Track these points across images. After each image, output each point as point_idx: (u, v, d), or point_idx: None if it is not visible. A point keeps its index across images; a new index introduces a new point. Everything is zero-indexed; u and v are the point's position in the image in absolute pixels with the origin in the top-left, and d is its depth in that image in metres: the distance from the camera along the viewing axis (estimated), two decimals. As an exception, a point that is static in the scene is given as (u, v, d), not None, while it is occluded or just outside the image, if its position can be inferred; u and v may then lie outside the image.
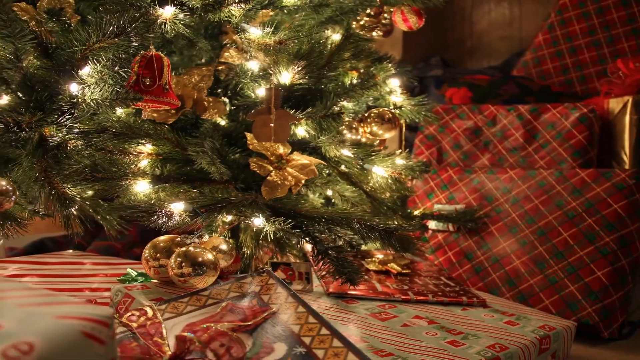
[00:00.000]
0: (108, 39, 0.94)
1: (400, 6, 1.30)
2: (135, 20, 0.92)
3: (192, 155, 1.01)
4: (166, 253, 0.93)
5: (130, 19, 0.92)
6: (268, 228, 0.92)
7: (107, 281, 1.12)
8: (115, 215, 0.93)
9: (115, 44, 0.94)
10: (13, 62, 0.97)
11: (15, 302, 0.49)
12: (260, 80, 1.17)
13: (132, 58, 0.94)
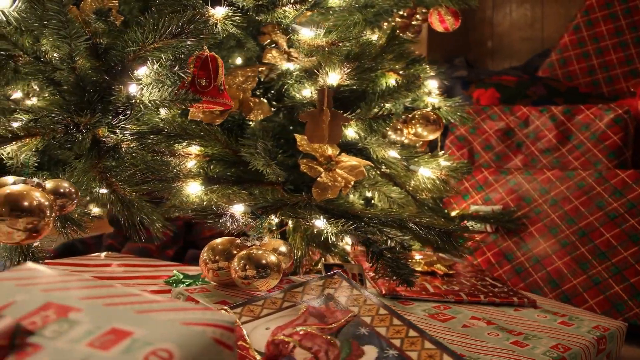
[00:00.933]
0: (165, 40, 0.93)
1: (436, 7, 1.30)
2: (194, 21, 0.92)
3: (246, 157, 1.01)
4: (225, 255, 0.93)
5: (189, 19, 0.91)
6: (330, 230, 0.91)
7: (154, 283, 1.12)
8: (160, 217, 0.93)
9: (171, 44, 0.94)
10: (67, 63, 0.96)
11: (133, 308, 0.49)
12: (305, 81, 1.16)
13: (185, 59, 0.93)
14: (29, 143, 0.85)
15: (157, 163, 0.98)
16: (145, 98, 0.91)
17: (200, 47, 0.98)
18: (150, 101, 0.91)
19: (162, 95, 0.90)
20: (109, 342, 0.43)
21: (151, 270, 1.18)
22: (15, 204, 0.76)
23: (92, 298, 0.51)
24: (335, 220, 0.91)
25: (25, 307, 0.50)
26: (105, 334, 0.45)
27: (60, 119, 0.88)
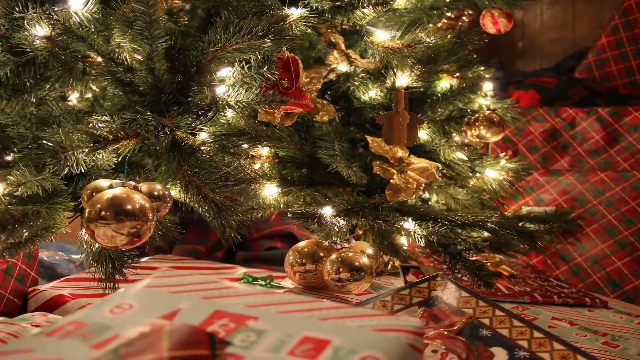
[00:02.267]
0: (248, 41, 0.93)
1: (490, 9, 1.31)
2: (278, 23, 0.91)
3: (325, 159, 1.00)
4: (311, 258, 0.92)
5: (276, 20, 0.91)
6: (420, 232, 0.91)
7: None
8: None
9: (253, 46, 0.93)
10: (147, 64, 0.95)
11: (313, 315, 0.48)
12: (369, 83, 1.16)
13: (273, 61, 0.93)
14: (127, 145, 0.84)
15: (235, 165, 0.97)
16: (232, 99, 0.90)
17: (280, 48, 0.98)
18: (237, 102, 0.90)
19: (249, 96, 0.90)
20: (311, 351, 0.43)
21: (215, 273, 1.17)
22: (121, 207, 0.74)
23: (262, 305, 0.50)
24: (425, 223, 0.91)
25: (194, 315, 0.49)
26: (300, 342, 0.44)
27: (152, 120, 0.87)
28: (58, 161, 0.80)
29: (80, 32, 0.97)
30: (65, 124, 0.99)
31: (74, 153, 0.80)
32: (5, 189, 0.83)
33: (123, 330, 0.47)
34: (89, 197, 0.82)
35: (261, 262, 1.39)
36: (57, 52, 1.02)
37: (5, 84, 1.13)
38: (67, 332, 0.47)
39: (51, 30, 0.99)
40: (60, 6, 1.04)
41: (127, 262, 0.88)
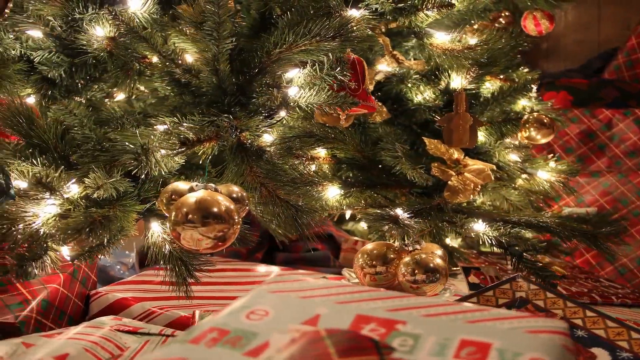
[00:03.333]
0: (316, 42, 0.92)
1: (532, 11, 1.31)
2: (347, 23, 0.91)
3: (388, 161, 1.00)
4: (382, 260, 0.92)
5: (346, 21, 0.90)
6: (491, 233, 0.92)
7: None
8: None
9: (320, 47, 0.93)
10: (212, 65, 0.94)
11: (459, 318, 0.48)
12: (422, 85, 1.16)
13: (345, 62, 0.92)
14: (208, 147, 0.83)
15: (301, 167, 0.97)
16: (303, 100, 0.90)
17: (345, 50, 0.97)
18: (308, 104, 0.90)
19: (321, 98, 0.89)
20: (476, 354, 0.43)
21: (262, 276, 1.17)
22: (208, 210, 0.74)
23: (403, 309, 0.50)
24: (495, 224, 0.92)
25: (337, 320, 0.49)
26: (460, 346, 0.44)
27: (227, 121, 0.86)
28: (140, 163, 0.79)
29: (144, 33, 0.97)
30: (128, 125, 0.98)
31: (153, 155, 0.79)
32: (82, 192, 0.82)
33: (271, 337, 0.46)
34: (168, 200, 0.82)
35: (303, 264, 1.39)
36: (118, 52, 1.01)
37: (59, 85, 1.12)
38: (213, 339, 0.47)
39: (114, 31, 0.98)
40: (119, 7, 1.03)
41: (199, 265, 0.87)
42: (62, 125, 0.91)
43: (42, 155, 0.91)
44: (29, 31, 1.07)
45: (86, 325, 0.75)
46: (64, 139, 0.92)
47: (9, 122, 0.88)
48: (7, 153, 0.89)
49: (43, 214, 0.80)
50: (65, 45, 1.11)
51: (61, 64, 1.10)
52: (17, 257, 0.77)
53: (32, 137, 0.90)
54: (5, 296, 0.83)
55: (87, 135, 0.93)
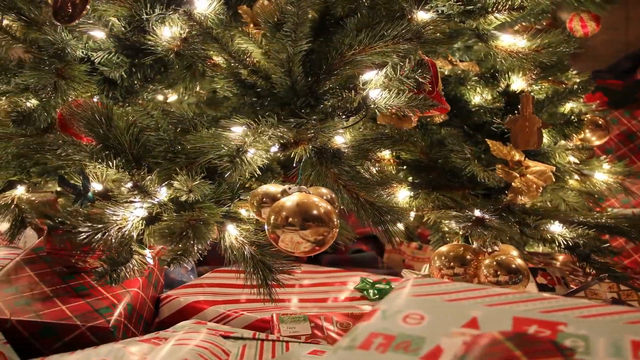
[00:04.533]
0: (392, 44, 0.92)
1: (578, 12, 1.32)
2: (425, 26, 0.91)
3: (458, 163, 1.01)
4: (459, 261, 0.92)
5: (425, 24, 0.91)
6: (568, 235, 0.92)
7: (343, 290, 1.10)
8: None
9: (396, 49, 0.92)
10: (286, 66, 0.93)
11: (617, 319, 0.48)
12: (479, 86, 1.17)
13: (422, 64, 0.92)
14: (301, 149, 0.82)
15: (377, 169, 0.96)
16: (382, 102, 0.90)
17: (416, 52, 0.97)
18: (387, 106, 0.90)
19: (401, 99, 0.89)
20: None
21: (327, 277, 1.16)
22: (308, 213, 0.73)
23: (557, 310, 0.50)
24: (571, 226, 0.92)
25: (496, 323, 0.49)
26: (634, 347, 0.44)
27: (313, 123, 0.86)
28: (235, 165, 0.78)
29: (216, 34, 0.96)
30: (200, 126, 0.97)
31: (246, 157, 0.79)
32: (172, 195, 0.81)
33: (440, 342, 0.46)
34: (259, 203, 0.81)
35: (350, 265, 1.39)
36: (188, 53, 1.00)
37: (120, 86, 1.11)
38: (382, 344, 0.46)
39: (185, 31, 0.97)
40: (186, 7, 1.02)
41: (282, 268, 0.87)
42: (136, 127, 0.90)
43: (116, 158, 0.90)
44: (91, 32, 1.06)
45: (187, 331, 0.74)
46: (140, 141, 0.91)
47: (88, 124, 0.87)
48: (85, 155, 0.88)
49: (133, 217, 0.79)
50: (125, 46, 1.10)
51: (121, 65, 1.09)
52: (109, 261, 0.76)
53: (108, 139, 0.89)
54: (91, 300, 0.82)
55: (161, 137, 0.92)
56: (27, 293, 0.82)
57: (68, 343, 0.76)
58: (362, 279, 1.11)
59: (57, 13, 0.93)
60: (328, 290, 1.10)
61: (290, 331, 0.87)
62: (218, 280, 1.05)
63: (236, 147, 0.79)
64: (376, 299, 1.06)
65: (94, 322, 0.76)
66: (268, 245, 0.87)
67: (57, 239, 0.85)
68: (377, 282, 1.10)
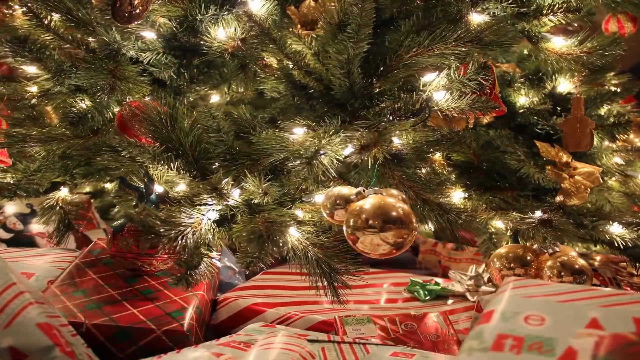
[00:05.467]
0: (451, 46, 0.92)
1: (615, 13, 1.34)
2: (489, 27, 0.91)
3: (512, 164, 1.01)
4: (520, 262, 0.93)
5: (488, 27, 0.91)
6: (628, 235, 0.93)
7: (394, 291, 1.10)
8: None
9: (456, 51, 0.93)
10: (345, 68, 0.93)
11: None
12: (524, 88, 1.17)
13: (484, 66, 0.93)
14: (376, 151, 0.82)
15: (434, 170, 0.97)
16: (445, 104, 0.90)
17: (472, 54, 0.98)
18: (449, 107, 0.90)
19: (464, 102, 0.89)
20: None
21: (374, 278, 1.16)
22: (390, 215, 0.73)
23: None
24: (631, 227, 0.93)
25: (618, 323, 0.49)
26: None
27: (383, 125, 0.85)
28: (311, 167, 0.78)
29: (274, 35, 0.96)
30: (259, 128, 0.97)
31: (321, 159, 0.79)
32: (245, 197, 0.81)
33: (571, 342, 0.46)
34: (332, 205, 0.81)
35: (388, 266, 1.38)
36: (244, 53, 0.99)
37: (169, 86, 1.10)
38: (514, 346, 0.47)
39: (243, 32, 0.97)
40: (240, 8, 1.02)
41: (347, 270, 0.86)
42: (199, 128, 0.89)
43: (177, 160, 0.89)
44: (141, 32, 1.05)
45: (268, 335, 0.74)
46: (201, 142, 0.90)
47: (152, 125, 0.86)
48: (148, 157, 0.87)
49: (205, 219, 0.78)
50: (172, 47, 1.09)
51: (170, 65, 1.08)
52: (185, 264, 0.75)
53: (171, 141, 0.88)
54: (161, 304, 0.81)
55: (221, 138, 0.92)
56: (96, 296, 0.81)
57: (143, 347, 0.75)
58: (411, 280, 1.11)
59: (116, 13, 0.92)
60: (378, 291, 1.10)
61: (356, 333, 0.87)
62: (271, 282, 1.05)
63: (314, 149, 0.78)
64: (428, 299, 1.06)
65: (169, 326, 0.76)
66: (331, 247, 0.87)
67: (124, 242, 0.84)
68: (425, 283, 1.10)
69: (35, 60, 0.96)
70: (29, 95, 1.14)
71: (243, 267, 0.76)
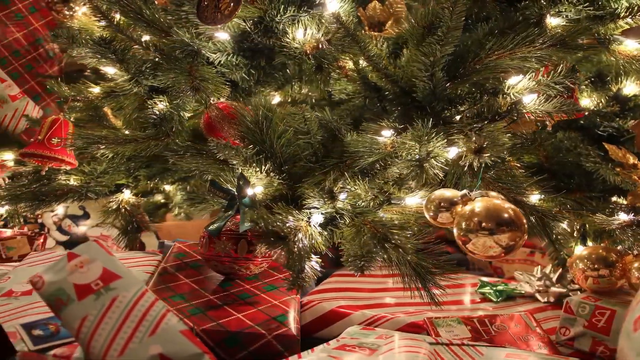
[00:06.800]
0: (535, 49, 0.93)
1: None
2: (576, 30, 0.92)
3: (588, 166, 1.02)
4: (604, 263, 0.94)
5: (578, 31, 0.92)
6: None
7: (464, 291, 1.11)
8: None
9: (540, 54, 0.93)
10: (430, 70, 0.93)
11: None
12: (587, 89, 1.18)
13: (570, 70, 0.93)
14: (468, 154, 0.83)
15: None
16: (532, 107, 0.90)
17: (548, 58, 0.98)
18: (537, 110, 0.91)
19: (550, 105, 0.90)
20: None
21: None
22: (502, 218, 0.73)
23: None
24: None
25: None
26: None
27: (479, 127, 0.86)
28: (422, 170, 0.78)
29: (361, 36, 0.95)
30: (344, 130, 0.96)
31: (431, 162, 0.79)
32: (351, 200, 0.80)
33: None
34: (437, 208, 0.81)
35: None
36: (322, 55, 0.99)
37: (240, 87, 1.09)
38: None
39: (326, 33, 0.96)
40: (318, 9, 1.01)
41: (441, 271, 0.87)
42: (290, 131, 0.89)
43: (267, 162, 0.89)
44: (216, 33, 1.04)
45: (377, 338, 0.73)
46: (291, 145, 0.89)
47: (246, 127, 0.86)
48: (241, 160, 0.87)
49: (313, 223, 0.78)
50: (241, 48, 1.08)
51: (241, 66, 1.07)
52: (295, 268, 0.75)
53: (264, 143, 0.88)
54: (263, 308, 0.81)
55: (309, 141, 0.91)
56: (196, 301, 0.81)
57: (253, 352, 0.74)
58: (481, 280, 1.12)
59: (202, 13, 0.91)
60: (449, 292, 1.10)
61: (449, 335, 0.87)
62: (348, 285, 1.05)
63: (426, 152, 0.78)
64: (500, 300, 1.07)
65: (279, 331, 0.75)
66: (423, 249, 0.87)
67: (221, 246, 0.83)
68: (493, 284, 1.11)
69: (118, 61, 0.94)
70: (93, 97, 1.12)
71: (356, 270, 0.75)
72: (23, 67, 1.30)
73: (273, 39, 1.03)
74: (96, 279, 0.62)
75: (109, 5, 1.02)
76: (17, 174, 1.13)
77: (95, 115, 1.13)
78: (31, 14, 1.29)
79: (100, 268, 0.63)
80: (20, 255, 1.09)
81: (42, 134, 1.05)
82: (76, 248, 0.65)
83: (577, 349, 0.87)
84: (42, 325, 0.74)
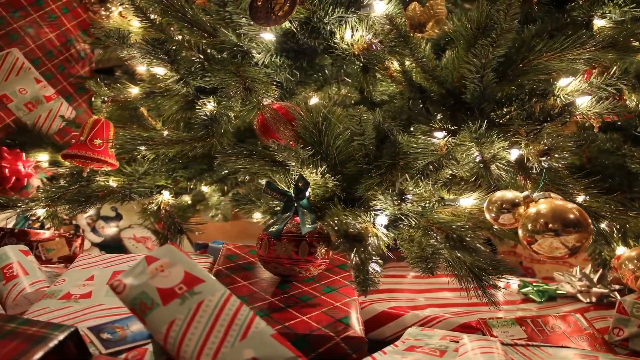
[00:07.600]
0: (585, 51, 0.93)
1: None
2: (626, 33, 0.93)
3: (634, 168, 1.03)
4: (652, 264, 0.95)
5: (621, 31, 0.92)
6: None
7: (509, 292, 1.11)
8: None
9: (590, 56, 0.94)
10: (480, 72, 0.94)
11: None
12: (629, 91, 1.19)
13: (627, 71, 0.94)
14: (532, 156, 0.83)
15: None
16: (584, 109, 0.91)
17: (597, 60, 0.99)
18: (588, 112, 0.91)
19: (602, 106, 0.91)
20: None
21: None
22: (568, 219, 0.74)
23: None
24: None
25: None
26: None
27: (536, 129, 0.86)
28: (489, 172, 0.78)
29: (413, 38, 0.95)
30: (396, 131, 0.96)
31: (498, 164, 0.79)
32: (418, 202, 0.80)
33: None
34: (498, 209, 0.81)
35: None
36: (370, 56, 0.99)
37: (285, 88, 1.09)
38: None
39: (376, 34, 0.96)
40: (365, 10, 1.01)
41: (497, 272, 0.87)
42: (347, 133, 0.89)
43: (322, 164, 0.89)
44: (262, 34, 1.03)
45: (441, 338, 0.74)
46: (346, 146, 0.89)
47: (304, 128, 0.85)
48: (298, 161, 0.86)
49: (378, 224, 0.78)
50: (284, 49, 1.08)
51: (284, 67, 1.07)
52: (362, 270, 0.75)
53: (321, 145, 0.87)
54: (326, 310, 0.80)
55: (362, 142, 0.91)
56: (258, 304, 0.80)
57: (321, 354, 0.74)
58: (522, 281, 1.12)
59: (255, 14, 0.91)
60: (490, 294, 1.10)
61: (505, 335, 0.88)
62: (395, 286, 1.05)
63: (492, 154, 0.78)
64: (543, 301, 1.07)
65: (346, 333, 0.75)
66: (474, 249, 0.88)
67: (282, 248, 0.82)
68: (535, 285, 1.11)
69: (170, 62, 0.93)
70: (132, 98, 1.11)
71: (424, 272, 0.75)
72: (56, 67, 1.28)
73: (318, 40, 1.02)
74: (179, 282, 0.61)
75: (150, 6, 1.01)
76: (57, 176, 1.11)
77: (134, 115, 1.12)
78: (64, 15, 1.27)
79: (181, 272, 0.62)
80: (60, 257, 1.08)
81: (84, 135, 1.04)
82: (154, 251, 0.64)
83: (632, 349, 0.88)
84: (109, 328, 0.73)
